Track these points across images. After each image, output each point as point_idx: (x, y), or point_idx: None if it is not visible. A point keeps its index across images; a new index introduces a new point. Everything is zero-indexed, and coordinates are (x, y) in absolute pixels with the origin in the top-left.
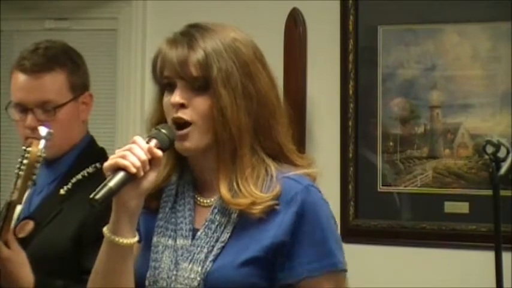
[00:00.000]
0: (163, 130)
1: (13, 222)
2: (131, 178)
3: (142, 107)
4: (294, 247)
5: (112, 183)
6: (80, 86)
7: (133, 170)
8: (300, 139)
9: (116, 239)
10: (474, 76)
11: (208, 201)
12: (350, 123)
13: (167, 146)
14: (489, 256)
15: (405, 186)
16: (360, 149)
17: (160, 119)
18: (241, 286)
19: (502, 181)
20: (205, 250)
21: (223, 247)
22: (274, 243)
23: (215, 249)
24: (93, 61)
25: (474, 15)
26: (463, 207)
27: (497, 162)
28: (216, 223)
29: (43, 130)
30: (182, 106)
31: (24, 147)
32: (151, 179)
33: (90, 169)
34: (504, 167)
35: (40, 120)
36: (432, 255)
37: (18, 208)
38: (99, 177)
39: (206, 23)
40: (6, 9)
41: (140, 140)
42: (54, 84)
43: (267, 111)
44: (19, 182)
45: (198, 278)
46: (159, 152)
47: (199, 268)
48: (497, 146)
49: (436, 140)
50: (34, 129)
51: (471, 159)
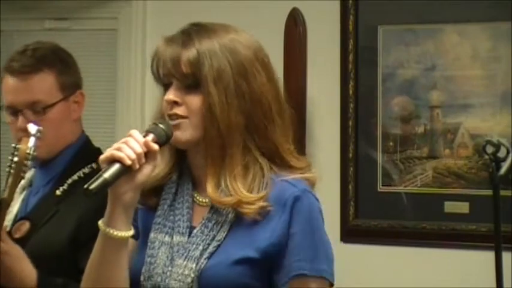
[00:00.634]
0: (160, 125)
1: (9, 222)
2: (126, 170)
3: (142, 107)
4: (286, 249)
5: (107, 174)
6: (71, 86)
7: (128, 162)
8: (300, 139)
9: (111, 232)
10: (474, 76)
11: (206, 200)
12: (350, 123)
13: (164, 141)
14: (489, 256)
15: (405, 186)
16: (360, 149)
17: (161, 118)
18: (234, 285)
19: (502, 181)
20: (200, 247)
21: (218, 245)
22: (268, 245)
23: (210, 247)
24: (93, 61)
25: (474, 15)
26: (463, 207)
27: (497, 162)
28: (213, 222)
29: (32, 127)
30: (176, 104)
31: (13, 145)
32: (146, 173)
33: (86, 169)
34: (504, 167)
35: (30, 121)
36: (432, 255)
37: (14, 208)
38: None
39: (208, 23)
40: (6, 9)
41: (136, 134)
42: (43, 84)
43: (261, 110)
44: (10, 180)
45: (192, 275)
46: (155, 146)
47: (193, 265)
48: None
49: (436, 140)
50: (26, 130)
51: (471, 159)
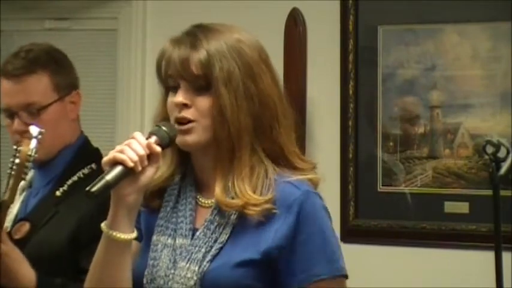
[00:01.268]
0: (163, 127)
1: (10, 223)
2: (129, 172)
3: (142, 107)
4: (295, 253)
5: (109, 176)
6: (66, 86)
7: (130, 164)
8: (300, 139)
9: (114, 234)
10: (474, 76)
11: (209, 202)
12: (350, 123)
13: (167, 143)
14: (489, 256)
15: (405, 186)
16: (360, 149)
17: (164, 119)
18: (236, 286)
19: (502, 181)
20: (203, 250)
21: (221, 248)
22: (271, 247)
23: (213, 249)
24: (93, 61)
25: (474, 15)
26: (463, 207)
27: (497, 162)
28: (215, 224)
29: (34, 130)
30: (185, 106)
31: (14, 146)
32: (149, 175)
33: (85, 170)
34: (504, 167)
35: (26, 123)
36: (432, 255)
37: (14, 209)
38: (94, 178)
39: (211, 24)
40: (6, 9)
41: (139, 136)
42: (37, 86)
43: (269, 112)
44: (11, 182)
45: (195, 278)
46: (158, 148)
47: (196, 268)
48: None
49: (436, 140)
50: (22, 133)
51: (471, 159)
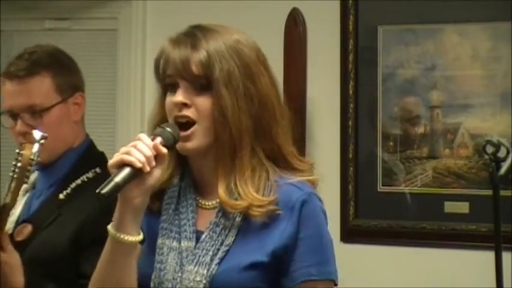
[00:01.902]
0: (168, 128)
1: (12, 225)
2: (137, 174)
3: (142, 107)
4: (295, 253)
5: (118, 178)
6: (69, 88)
7: (138, 165)
8: (300, 139)
9: (121, 237)
10: (474, 76)
11: (210, 203)
12: (350, 123)
13: (172, 144)
14: (489, 256)
15: (405, 186)
16: (360, 149)
17: (162, 120)
18: None
19: (502, 181)
20: (210, 253)
21: (228, 250)
22: (277, 248)
23: (220, 252)
24: (93, 61)
25: (474, 15)
26: (463, 207)
27: (497, 162)
28: (221, 226)
29: (37, 134)
30: (185, 105)
31: (17, 150)
32: (156, 176)
33: (89, 174)
34: (504, 167)
35: (28, 124)
36: (432, 255)
37: (17, 211)
38: (98, 182)
39: (209, 24)
40: (6, 9)
41: (145, 137)
42: (39, 87)
43: (268, 113)
44: (13, 185)
45: (204, 281)
46: (164, 149)
47: (204, 271)
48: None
49: (436, 140)
50: (25, 134)
51: (471, 159)
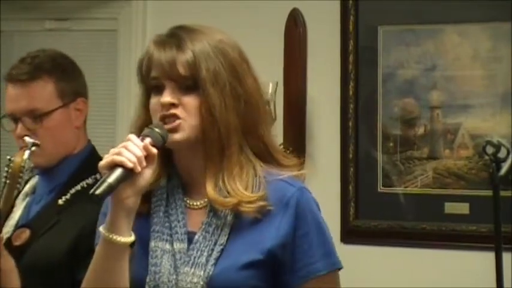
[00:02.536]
0: (156, 129)
1: (11, 229)
2: (128, 174)
3: None
4: (295, 249)
5: (111, 179)
6: (71, 93)
7: (129, 165)
8: (300, 139)
9: (114, 238)
10: (474, 76)
11: (198, 203)
12: (350, 123)
13: (161, 145)
14: (489, 257)
15: (405, 186)
16: (360, 150)
17: (145, 123)
18: None
19: (502, 182)
20: (205, 253)
21: (222, 250)
22: (274, 245)
23: (215, 252)
24: (93, 62)
25: (474, 15)
26: (463, 207)
27: (497, 162)
28: (213, 226)
29: (28, 140)
30: (172, 106)
31: (8, 157)
32: (147, 176)
33: (89, 180)
34: (504, 168)
35: (29, 128)
36: (432, 256)
37: (16, 215)
38: None
39: (191, 25)
40: (6, 9)
41: (134, 138)
42: (41, 92)
43: (254, 111)
44: (5, 191)
45: (201, 282)
46: (154, 149)
47: (201, 272)
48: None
49: (436, 141)
50: (24, 138)
51: (471, 159)
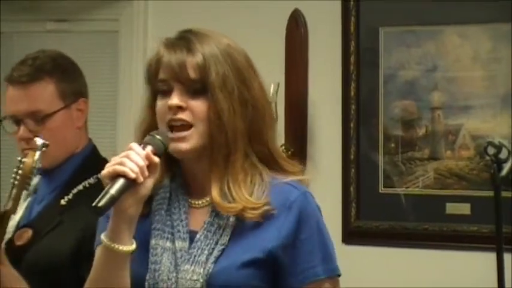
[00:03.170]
0: (157, 136)
1: (12, 229)
2: (131, 184)
3: None
4: (296, 252)
5: (113, 190)
6: (72, 94)
7: (132, 176)
8: (301, 140)
9: (116, 247)
10: (475, 77)
11: (200, 202)
12: (351, 124)
13: (162, 152)
14: (491, 257)
15: (407, 187)
16: (362, 151)
17: (150, 125)
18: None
19: (504, 182)
20: (206, 252)
21: (223, 249)
22: (274, 246)
23: (215, 251)
24: (94, 63)
25: (475, 16)
26: (465, 208)
27: (498, 163)
28: (215, 226)
29: (39, 141)
30: (180, 109)
31: (19, 158)
32: (149, 186)
33: (91, 180)
34: (505, 168)
35: (32, 130)
36: (434, 256)
37: (18, 215)
38: (100, 188)
39: (199, 29)
40: (6, 10)
41: (136, 147)
42: (42, 93)
43: (260, 117)
44: (14, 192)
45: (201, 280)
46: (156, 158)
47: (201, 270)
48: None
49: (438, 141)
50: (27, 140)
51: (472, 160)
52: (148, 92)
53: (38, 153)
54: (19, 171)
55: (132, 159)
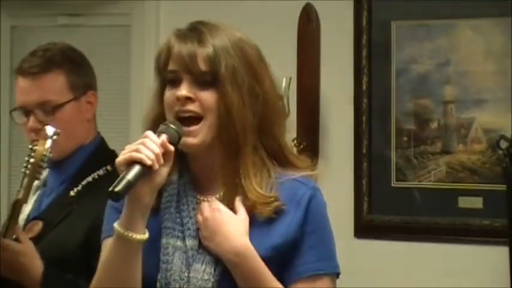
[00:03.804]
0: (171, 125)
1: (22, 222)
2: (147, 171)
3: None
4: (299, 247)
5: (130, 176)
6: (82, 86)
7: (148, 162)
8: (314, 134)
9: (130, 235)
10: (487, 71)
11: (209, 199)
12: (364, 118)
13: (176, 141)
14: (503, 251)
15: (419, 181)
16: (374, 145)
17: (158, 116)
18: None
19: None
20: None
21: None
22: (283, 242)
23: None
24: (106, 57)
25: (487, 10)
26: (477, 202)
27: (510, 157)
28: None
29: (50, 130)
30: (189, 100)
31: (30, 146)
32: (164, 174)
33: (100, 171)
34: None
35: (41, 121)
36: (446, 250)
37: (27, 208)
38: (109, 179)
39: (212, 22)
40: (19, 5)
41: (152, 134)
42: (52, 84)
43: (271, 111)
44: (25, 181)
45: (212, 279)
46: (171, 146)
47: (211, 269)
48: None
49: (450, 135)
50: (37, 131)
51: (485, 154)
52: (157, 82)
53: (50, 141)
54: (30, 159)
55: (148, 146)
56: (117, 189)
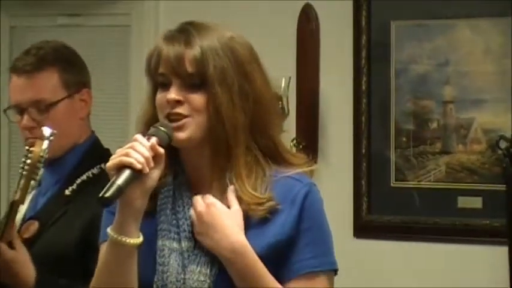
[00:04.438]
0: (161, 128)
1: (18, 222)
2: (137, 175)
3: None
4: (295, 244)
5: (120, 181)
6: (75, 84)
7: (138, 166)
8: (313, 134)
9: (123, 239)
10: (487, 71)
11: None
12: (363, 118)
13: (167, 143)
14: (502, 251)
15: (418, 181)
16: (373, 145)
17: (152, 118)
18: None
19: None
20: (211, 252)
21: None
22: (278, 240)
23: None
24: (106, 57)
25: (486, 10)
26: (476, 202)
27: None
28: None
29: (46, 130)
30: (178, 103)
31: (27, 147)
32: (155, 177)
33: (95, 170)
34: None
35: (35, 119)
36: (445, 250)
37: (23, 208)
38: (104, 178)
39: (203, 21)
40: (18, 5)
41: (141, 138)
42: (46, 82)
43: (264, 110)
44: (22, 182)
45: (208, 281)
46: (161, 149)
47: (207, 270)
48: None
49: (449, 135)
50: (31, 129)
51: (484, 154)
52: (149, 84)
53: (46, 142)
54: (27, 160)
55: (138, 150)
56: (107, 195)
